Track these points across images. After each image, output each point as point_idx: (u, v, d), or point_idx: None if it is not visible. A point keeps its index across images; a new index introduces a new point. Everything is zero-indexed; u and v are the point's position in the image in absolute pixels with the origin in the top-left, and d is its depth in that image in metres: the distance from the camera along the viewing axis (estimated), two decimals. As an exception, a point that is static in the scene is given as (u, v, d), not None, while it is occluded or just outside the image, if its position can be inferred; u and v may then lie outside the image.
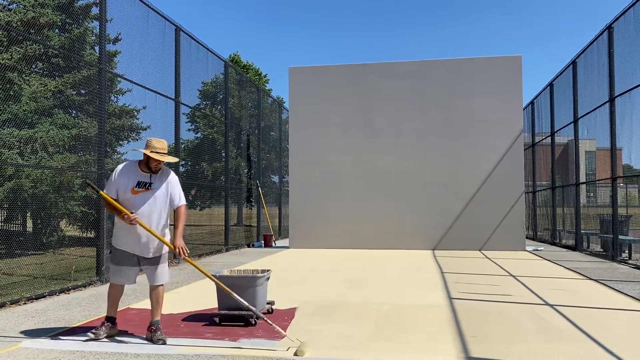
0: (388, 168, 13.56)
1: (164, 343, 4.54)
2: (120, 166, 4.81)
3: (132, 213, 4.58)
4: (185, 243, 4.86)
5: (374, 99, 13.77)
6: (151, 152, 4.65)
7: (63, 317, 5.61)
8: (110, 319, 4.79)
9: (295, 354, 4.16)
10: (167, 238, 4.83)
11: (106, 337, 4.69)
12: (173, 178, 4.88)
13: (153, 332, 4.64)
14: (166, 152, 4.77)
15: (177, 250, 4.65)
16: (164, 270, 4.83)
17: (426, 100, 13.55)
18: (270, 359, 4.07)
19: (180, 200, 4.84)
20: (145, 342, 4.58)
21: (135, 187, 4.67)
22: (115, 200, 4.66)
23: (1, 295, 6.61)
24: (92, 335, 4.61)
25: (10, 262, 9.11)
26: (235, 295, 4.80)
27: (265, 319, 4.68)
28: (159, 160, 4.70)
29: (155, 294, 4.79)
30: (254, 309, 4.81)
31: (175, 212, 4.85)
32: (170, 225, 5.01)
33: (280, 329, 4.58)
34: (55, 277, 8.17)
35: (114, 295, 4.83)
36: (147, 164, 4.73)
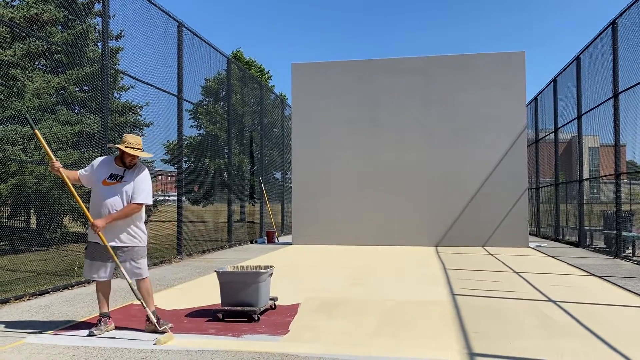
0: (391, 164, 13.55)
1: (171, 328, 4.69)
2: (100, 158, 4.99)
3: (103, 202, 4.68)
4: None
5: (377, 95, 13.75)
6: (125, 147, 4.74)
7: (67, 313, 5.63)
8: (105, 315, 4.83)
9: (155, 344, 4.32)
10: (144, 235, 4.92)
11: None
12: (144, 175, 4.89)
13: (157, 322, 4.70)
14: (141, 148, 4.84)
15: (93, 226, 4.58)
16: (141, 265, 4.84)
17: (430, 96, 13.52)
18: (272, 354, 4.07)
19: (138, 197, 4.76)
20: (150, 336, 4.59)
21: (107, 179, 4.78)
22: (72, 183, 4.79)
23: (5, 291, 6.64)
24: (92, 334, 4.65)
25: (14, 258, 9.15)
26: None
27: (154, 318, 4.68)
28: (132, 155, 4.79)
29: (142, 287, 4.83)
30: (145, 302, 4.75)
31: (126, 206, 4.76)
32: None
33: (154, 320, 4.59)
34: (59, 273, 8.20)
35: (101, 292, 4.86)
36: (122, 159, 4.84)
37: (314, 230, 13.77)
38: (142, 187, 4.81)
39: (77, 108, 13.16)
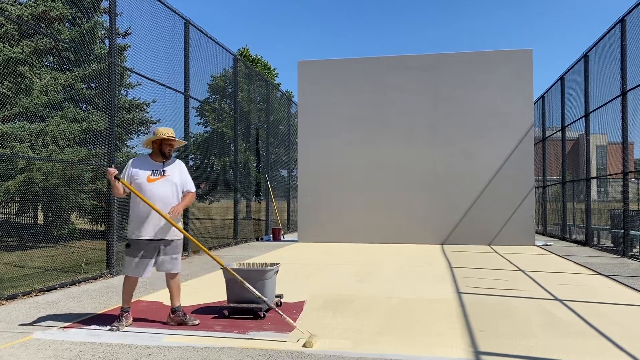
0: (397, 162, 13.53)
1: (199, 324, 4.87)
2: (131, 159, 5.04)
3: (152, 203, 4.77)
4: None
5: (384, 93, 13.72)
6: (165, 136, 4.93)
7: (74, 309, 5.66)
8: (127, 310, 4.91)
9: (304, 346, 4.18)
10: (180, 225, 4.99)
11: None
12: (183, 166, 5.16)
13: (183, 316, 4.90)
14: (174, 137, 5.03)
15: (171, 210, 4.79)
16: (180, 259, 5.07)
17: (437, 93, 13.49)
18: (278, 351, 4.08)
19: (192, 186, 5.13)
20: (157, 332, 4.61)
21: (151, 175, 4.89)
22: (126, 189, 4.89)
23: (13, 287, 6.69)
24: (115, 329, 4.71)
25: (22, 255, 9.21)
26: (240, 278, 4.83)
27: (276, 309, 4.74)
28: (171, 145, 4.98)
29: (174, 281, 5.02)
30: (265, 298, 4.89)
31: (184, 197, 5.08)
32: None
33: (290, 320, 4.60)
34: (66, 269, 8.25)
35: (130, 288, 4.94)
36: (160, 151, 4.98)
37: (319, 228, 13.78)
38: (188, 177, 5.13)
39: (84, 105, 13.23)
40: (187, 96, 10.73)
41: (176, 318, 4.90)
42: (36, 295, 6.43)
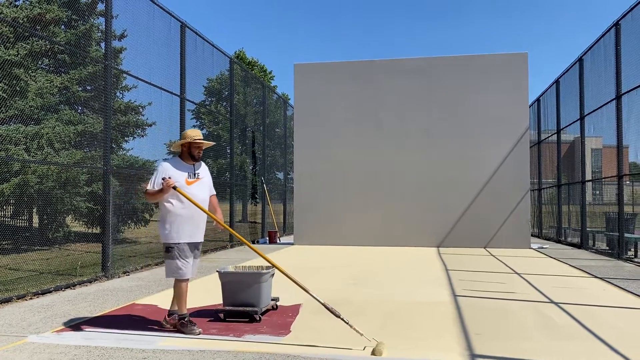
0: (393, 165, 13.55)
1: (200, 333, 4.74)
2: (164, 163, 4.96)
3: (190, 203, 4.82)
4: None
5: (380, 96, 13.74)
6: (193, 140, 4.92)
7: (69, 312, 5.64)
8: (187, 315, 4.87)
9: (373, 353, 4.09)
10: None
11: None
12: (208, 168, 5.25)
13: (185, 325, 4.78)
14: (202, 138, 5.03)
15: (219, 225, 4.98)
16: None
17: (432, 97, 13.51)
18: (274, 355, 4.08)
19: (214, 190, 5.26)
20: (152, 335, 4.60)
21: (188, 178, 4.94)
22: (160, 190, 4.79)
23: (8, 290, 6.66)
24: (198, 332, 4.70)
25: (17, 258, 9.17)
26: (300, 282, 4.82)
27: (342, 317, 4.44)
28: (200, 147, 4.99)
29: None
30: (330, 306, 4.69)
31: (211, 202, 5.16)
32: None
33: (357, 329, 4.34)
34: (61, 272, 8.21)
35: (186, 292, 4.88)
36: (190, 154, 4.97)
37: (315, 231, 13.77)
38: (211, 179, 5.22)
39: (80, 108, 13.19)
40: (183, 99, 10.72)
41: (172, 321, 4.88)
42: (31, 299, 6.40)
